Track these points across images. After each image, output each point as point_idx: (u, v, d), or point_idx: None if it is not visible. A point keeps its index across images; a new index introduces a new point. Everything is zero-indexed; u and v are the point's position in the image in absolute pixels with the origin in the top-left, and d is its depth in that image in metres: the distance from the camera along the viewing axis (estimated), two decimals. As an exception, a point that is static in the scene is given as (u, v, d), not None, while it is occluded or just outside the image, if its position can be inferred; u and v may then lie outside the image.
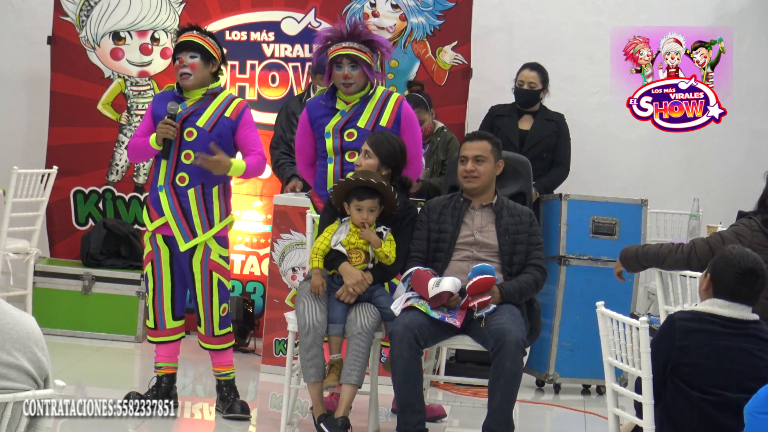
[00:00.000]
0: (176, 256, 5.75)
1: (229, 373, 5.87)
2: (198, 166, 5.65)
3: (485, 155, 5.48)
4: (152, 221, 5.75)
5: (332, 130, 5.76)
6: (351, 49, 5.71)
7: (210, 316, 5.76)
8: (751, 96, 8.17)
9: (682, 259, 5.22)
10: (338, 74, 5.73)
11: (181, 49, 5.71)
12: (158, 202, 5.73)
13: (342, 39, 5.75)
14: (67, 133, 7.87)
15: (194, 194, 5.71)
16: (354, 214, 5.41)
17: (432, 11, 7.72)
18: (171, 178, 5.71)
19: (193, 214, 5.71)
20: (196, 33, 5.76)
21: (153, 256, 5.76)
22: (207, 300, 5.75)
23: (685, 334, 4.13)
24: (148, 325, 5.82)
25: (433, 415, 5.87)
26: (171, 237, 5.73)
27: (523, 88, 7.31)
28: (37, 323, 2.74)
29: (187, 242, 5.71)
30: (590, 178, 7.98)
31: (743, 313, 4.14)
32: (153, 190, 5.78)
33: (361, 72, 5.73)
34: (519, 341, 5.12)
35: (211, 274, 5.74)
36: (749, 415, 3.62)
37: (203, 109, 5.73)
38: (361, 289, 5.40)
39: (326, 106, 5.80)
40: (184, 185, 5.71)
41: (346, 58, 5.71)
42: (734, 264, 4.14)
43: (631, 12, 8.18)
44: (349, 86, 5.73)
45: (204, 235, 5.72)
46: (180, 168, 5.70)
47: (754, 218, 5.13)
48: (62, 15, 7.84)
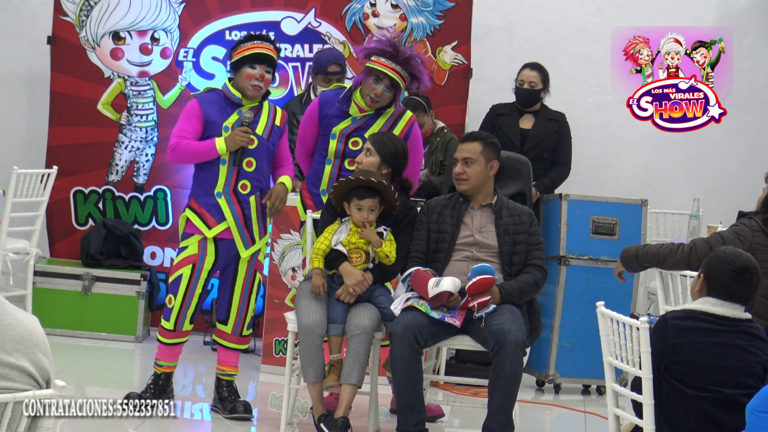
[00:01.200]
0: (219, 263, 5.73)
1: (233, 374, 5.88)
2: (258, 173, 5.72)
3: (474, 157, 5.48)
4: (210, 227, 5.69)
5: (339, 133, 5.78)
6: (396, 73, 5.71)
7: (244, 315, 5.79)
8: (751, 96, 8.16)
9: (683, 259, 5.22)
10: (372, 87, 5.72)
11: (258, 60, 5.66)
12: (218, 209, 5.70)
13: (394, 58, 5.72)
14: (67, 133, 7.86)
15: (254, 201, 5.76)
16: (354, 214, 5.41)
17: (432, 11, 7.72)
18: (233, 185, 5.71)
19: (253, 221, 5.76)
20: (271, 47, 5.75)
21: (196, 260, 5.70)
22: (245, 299, 5.78)
23: (678, 332, 4.13)
24: (165, 326, 5.74)
25: (431, 415, 5.87)
26: (225, 242, 5.71)
27: (523, 87, 7.31)
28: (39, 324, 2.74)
29: (248, 249, 5.75)
30: (590, 178, 7.98)
31: (736, 312, 4.15)
32: (207, 196, 5.71)
33: (392, 95, 5.77)
34: (519, 341, 5.12)
35: (255, 274, 5.81)
36: (751, 414, 3.62)
37: (258, 116, 5.75)
38: (361, 290, 5.40)
39: (340, 107, 5.81)
40: (246, 192, 5.73)
41: (388, 79, 5.72)
42: (728, 262, 4.15)
43: (631, 12, 8.18)
44: (375, 102, 5.76)
45: (261, 241, 5.81)
46: (242, 175, 5.71)
47: (755, 218, 5.13)
48: (62, 15, 7.83)
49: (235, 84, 5.73)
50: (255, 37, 5.76)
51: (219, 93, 5.79)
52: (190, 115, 5.75)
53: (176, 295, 5.71)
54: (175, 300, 5.71)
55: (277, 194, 5.77)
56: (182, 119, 5.77)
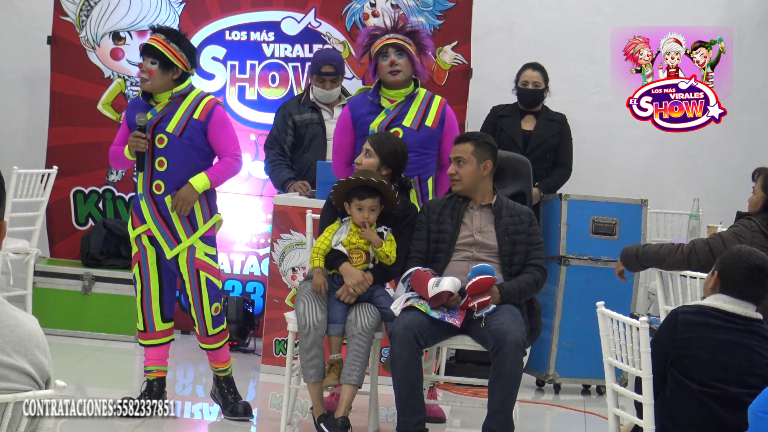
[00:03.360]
0: (163, 258, 5.73)
1: (226, 369, 5.86)
2: (171, 172, 5.63)
3: (465, 157, 5.48)
4: (134, 228, 5.74)
5: (377, 128, 5.80)
6: (395, 39, 5.77)
7: (202, 316, 5.73)
8: (751, 96, 8.16)
9: (682, 259, 5.23)
10: (384, 64, 5.80)
11: (142, 52, 5.68)
12: (139, 210, 5.73)
13: (385, 33, 5.81)
14: (67, 133, 7.86)
15: (171, 201, 5.68)
16: (355, 214, 5.41)
17: (432, 11, 7.72)
18: (148, 186, 5.68)
19: (174, 221, 5.68)
20: (162, 38, 5.67)
21: (140, 257, 5.74)
22: (197, 300, 5.72)
23: (688, 326, 4.14)
24: (137, 328, 5.78)
25: (431, 415, 5.86)
26: (154, 239, 5.72)
27: (527, 88, 7.31)
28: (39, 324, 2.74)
29: (172, 249, 5.70)
30: (590, 178, 7.98)
31: (747, 310, 4.15)
32: (135, 198, 5.79)
33: (407, 60, 5.82)
34: (519, 341, 5.12)
35: (198, 273, 5.70)
36: (753, 415, 3.62)
37: (172, 113, 5.67)
38: (361, 290, 5.40)
39: (372, 102, 5.84)
40: (160, 193, 5.68)
41: (391, 47, 5.79)
42: (743, 260, 4.16)
43: (631, 12, 8.18)
44: (396, 74, 5.80)
45: (188, 239, 5.69)
46: (155, 176, 5.67)
47: (754, 219, 5.13)
48: (62, 15, 7.83)
49: None
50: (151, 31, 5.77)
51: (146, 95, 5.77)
52: (123, 122, 5.84)
53: (136, 295, 5.77)
54: (136, 300, 5.76)
55: (179, 196, 5.63)
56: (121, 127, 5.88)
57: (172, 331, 5.82)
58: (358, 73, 7.69)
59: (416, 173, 5.88)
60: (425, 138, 5.88)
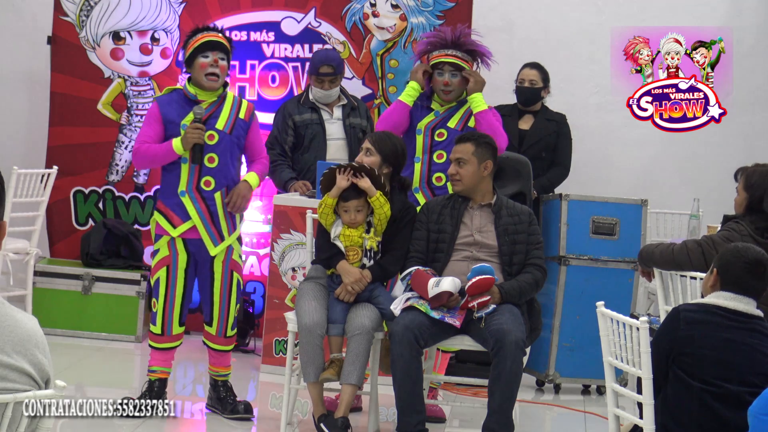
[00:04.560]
0: (193, 261, 5.72)
1: (227, 374, 5.88)
2: (221, 169, 5.67)
3: (466, 158, 5.49)
4: (175, 227, 5.68)
5: (424, 127, 5.96)
6: (454, 57, 5.92)
7: (226, 316, 5.77)
8: (751, 96, 8.16)
9: (671, 259, 5.29)
10: (439, 80, 5.98)
11: (209, 48, 5.65)
12: (182, 208, 5.67)
13: (446, 46, 5.91)
14: (67, 133, 7.86)
15: (220, 198, 5.71)
16: (343, 216, 5.45)
17: (432, 11, 7.72)
18: (195, 182, 5.68)
19: (220, 218, 5.72)
20: (222, 34, 5.73)
21: (170, 261, 5.69)
22: (225, 300, 5.75)
23: (690, 324, 4.15)
24: (153, 331, 5.74)
25: (431, 415, 5.86)
26: (194, 241, 5.70)
27: (524, 86, 7.32)
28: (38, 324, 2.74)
29: (216, 246, 5.71)
30: (590, 178, 7.98)
31: (748, 307, 4.16)
32: (172, 196, 5.69)
33: (460, 80, 5.98)
34: (519, 341, 5.12)
35: (231, 274, 5.76)
36: (754, 418, 3.62)
37: (218, 111, 5.72)
38: (360, 287, 5.40)
39: (422, 105, 6.00)
40: (210, 189, 5.69)
41: (448, 65, 5.93)
42: (742, 256, 4.18)
43: (631, 12, 8.18)
44: (448, 93, 5.99)
45: (230, 237, 5.75)
46: (204, 172, 5.68)
47: (742, 222, 5.16)
48: (62, 15, 7.83)
49: (192, 80, 5.72)
50: (201, 29, 5.75)
51: (179, 92, 5.77)
52: (150, 119, 5.74)
53: (158, 299, 5.71)
54: (158, 303, 5.71)
55: (237, 193, 5.72)
56: (144, 124, 5.79)
57: (183, 335, 5.83)
58: (358, 73, 7.70)
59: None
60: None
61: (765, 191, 5.16)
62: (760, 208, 5.18)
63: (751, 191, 5.20)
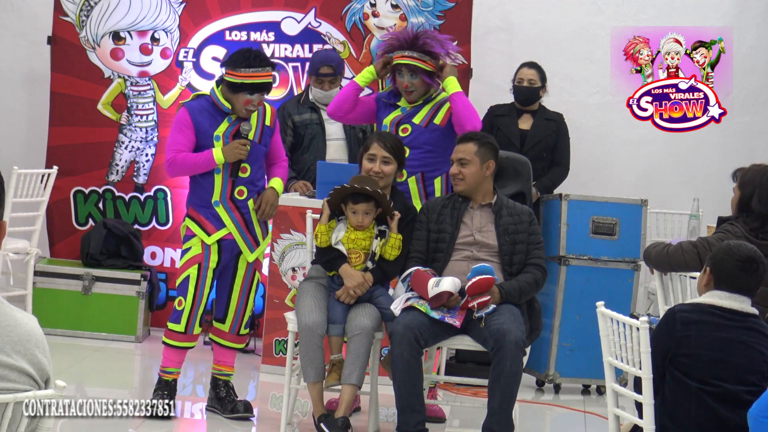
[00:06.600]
0: (221, 262, 5.73)
1: (230, 374, 5.88)
2: (252, 178, 5.74)
3: (469, 158, 5.50)
4: (209, 234, 5.69)
5: (389, 123, 5.99)
6: (410, 59, 5.94)
7: (242, 314, 5.80)
8: (751, 96, 8.16)
9: (666, 260, 5.28)
10: (400, 81, 6.00)
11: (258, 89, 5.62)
12: (216, 217, 5.70)
13: (403, 47, 5.93)
14: (67, 133, 7.86)
15: (252, 204, 5.77)
16: (350, 217, 5.45)
17: (432, 11, 7.72)
18: (229, 192, 5.71)
19: (254, 225, 5.78)
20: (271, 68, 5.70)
21: (201, 259, 5.69)
22: (243, 298, 5.79)
23: (686, 325, 4.15)
24: (174, 329, 5.69)
25: (431, 415, 5.87)
26: (228, 241, 5.72)
27: (522, 85, 7.31)
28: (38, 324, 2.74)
29: (253, 252, 5.78)
30: (590, 178, 7.98)
31: (743, 305, 4.16)
32: (205, 206, 5.71)
33: (420, 80, 5.98)
34: (519, 341, 5.12)
35: (254, 273, 5.81)
36: (754, 420, 3.62)
37: (248, 120, 5.75)
38: (361, 291, 5.41)
39: (388, 103, 6.05)
40: (243, 198, 5.74)
41: (405, 68, 5.93)
42: (734, 254, 4.18)
43: (631, 12, 8.17)
44: (410, 94, 6.00)
45: (264, 242, 5.84)
46: (238, 182, 5.72)
47: (736, 224, 5.16)
48: (62, 15, 7.83)
49: (226, 97, 5.68)
50: (255, 63, 5.63)
51: (207, 99, 5.75)
52: (182, 126, 5.70)
53: (186, 297, 5.68)
54: (185, 302, 5.68)
55: (266, 200, 5.79)
56: (175, 131, 5.74)
57: (198, 336, 5.84)
58: (358, 73, 7.68)
59: (420, 170, 5.92)
60: (432, 135, 5.94)
61: (755, 189, 5.16)
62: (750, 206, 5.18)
63: (743, 189, 5.20)
